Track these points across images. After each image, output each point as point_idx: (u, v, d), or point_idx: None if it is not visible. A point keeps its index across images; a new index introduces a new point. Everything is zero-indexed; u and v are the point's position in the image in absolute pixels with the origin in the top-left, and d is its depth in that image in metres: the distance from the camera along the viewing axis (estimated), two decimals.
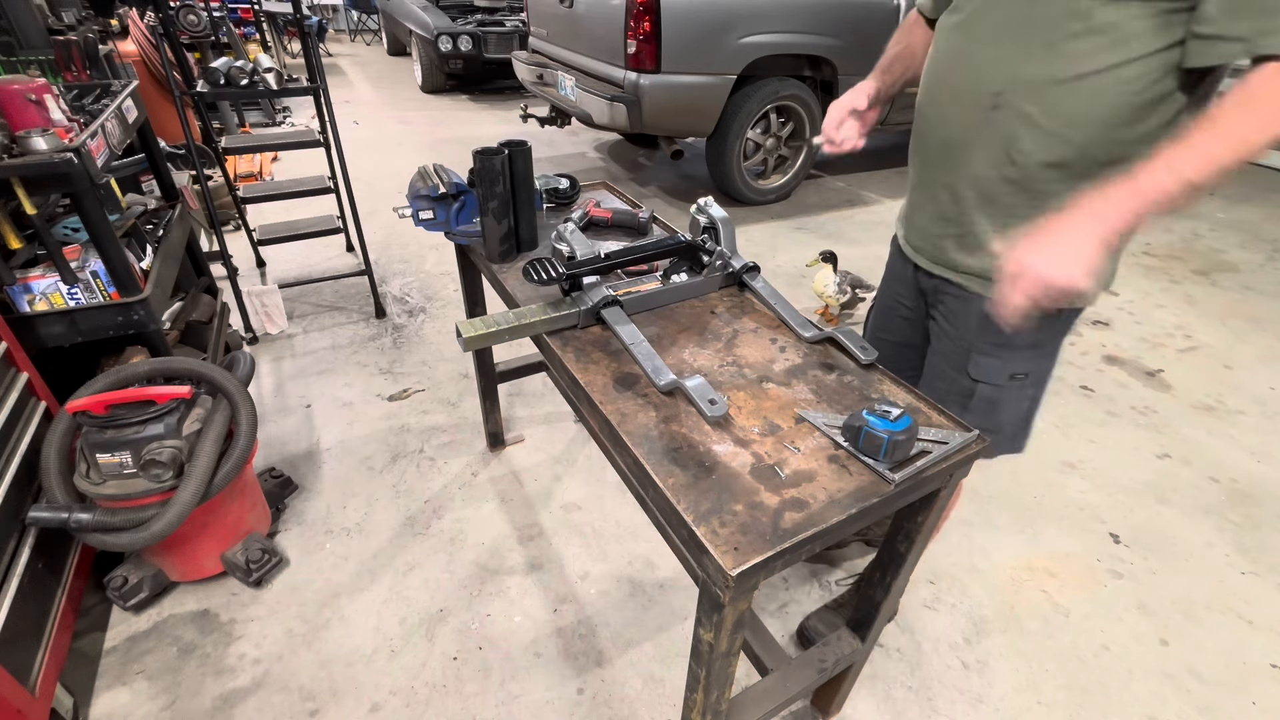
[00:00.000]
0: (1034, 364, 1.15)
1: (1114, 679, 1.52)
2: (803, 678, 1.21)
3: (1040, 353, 1.14)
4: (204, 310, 2.14)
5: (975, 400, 1.17)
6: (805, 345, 1.13)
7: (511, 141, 1.33)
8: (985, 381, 1.16)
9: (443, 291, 3.04)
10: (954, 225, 1.11)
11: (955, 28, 1.05)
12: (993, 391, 1.16)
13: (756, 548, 0.75)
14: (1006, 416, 1.19)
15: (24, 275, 1.48)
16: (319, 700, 1.41)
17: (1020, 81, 0.95)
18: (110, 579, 1.52)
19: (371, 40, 10.00)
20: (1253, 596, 1.72)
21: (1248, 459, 2.20)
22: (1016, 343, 1.11)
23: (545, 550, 1.78)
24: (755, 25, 3.45)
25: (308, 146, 2.54)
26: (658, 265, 1.31)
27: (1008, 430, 1.21)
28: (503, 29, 6.17)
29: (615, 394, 0.99)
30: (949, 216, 1.11)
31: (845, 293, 2.69)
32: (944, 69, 1.08)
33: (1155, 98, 0.90)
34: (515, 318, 1.10)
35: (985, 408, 1.18)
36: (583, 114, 3.79)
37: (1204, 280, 3.40)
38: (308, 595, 1.63)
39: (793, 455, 0.89)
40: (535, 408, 2.33)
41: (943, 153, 1.09)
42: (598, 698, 1.44)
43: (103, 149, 1.55)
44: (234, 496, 1.57)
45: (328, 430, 2.16)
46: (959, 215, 1.10)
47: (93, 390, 1.36)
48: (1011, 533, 1.88)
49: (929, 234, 1.17)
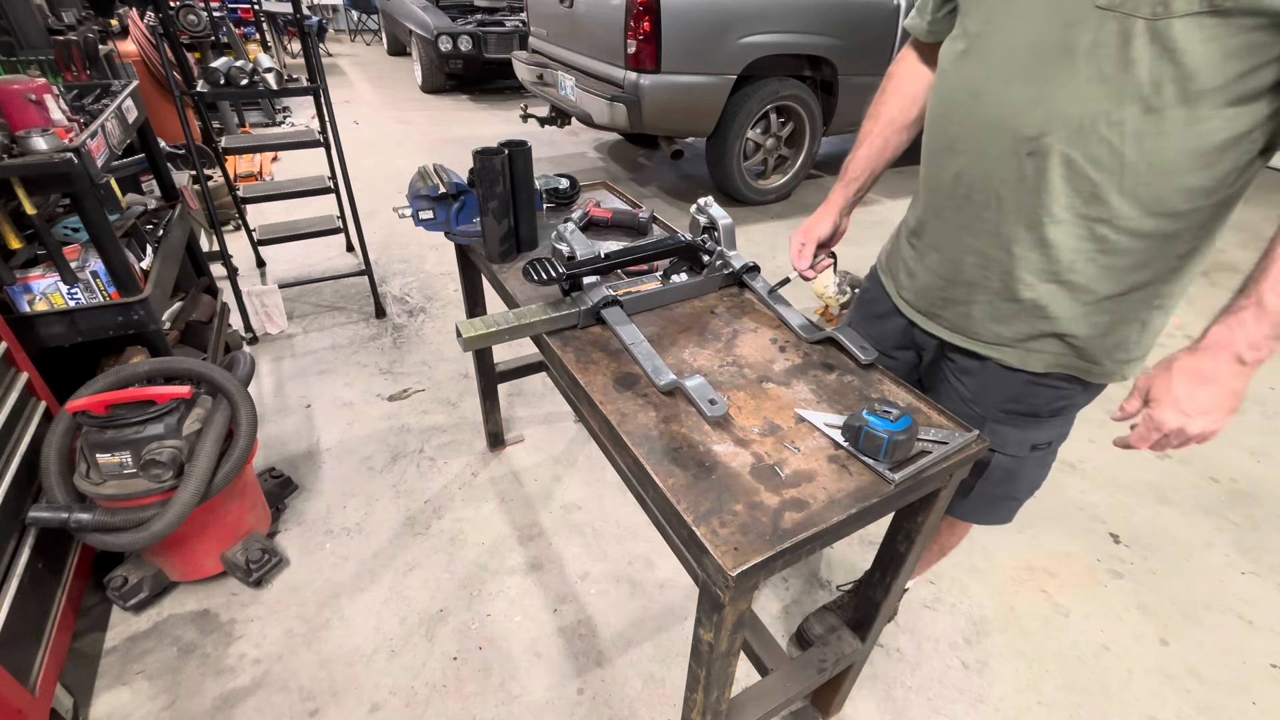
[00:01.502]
0: (1056, 431, 1.06)
1: (1114, 679, 1.52)
2: (803, 678, 1.20)
3: (1063, 419, 1.06)
4: (204, 310, 2.14)
5: (993, 470, 1.08)
6: (805, 345, 1.12)
7: (511, 141, 1.33)
8: (1003, 452, 1.06)
9: (443, 291, 3.04)
10: (982, 291, 0.96)
11: (964, 57, 0.88)
12: (1012, 463, 1.07)
13: (756, 548, 0.75)
14: (1025, 486, 1.12)
15: (24, 275, 1.48)
16: (319, 700, 1.41)
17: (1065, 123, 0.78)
18: (110, 579, 1.52)
19: (371, 40, 10.00)
20: (1253, 596, 1.72)
21: (1248, 459, 2.20)
22: (1042, 412, 1.02)
23: (545, 550, 1.78)
24: (755, 25, 3.45)
25: (308, 146, 2.54)
26: (658, 265, 1.31)
27: (1022, 499, 1.15)
28: (503, 29, 6.17)
29: (615, 394, 0.99)
30: (974, 282, 0.96)
31: (845, 293, 2.70)
32: (958, 109, 0.90)
33: (1231, 138, 0.74)
34: (515, 318, 1.10)
35: (1003, 478, 1.09)
36: (583, 114, 3.79)
37: (1204, 280, 3.37)
38: (308, 595, 1.63)
39: (793, 455, 0.89)
40: (535, 408, 2.33)
41: (967, 209, 0.93)
42: (598, 698, 1.44)
43: (103, 149, 1.55)
44: (234, 496, 1.57)
45: (328, 430, 2.16)
46: (988, 281, 0.94)
47: (93, 390, 1.36)
48: (1011, 533, 1.88)
49: (945, 299, 1.02)
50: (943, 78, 0.94)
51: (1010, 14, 0.81)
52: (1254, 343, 0.74)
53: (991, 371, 1.02)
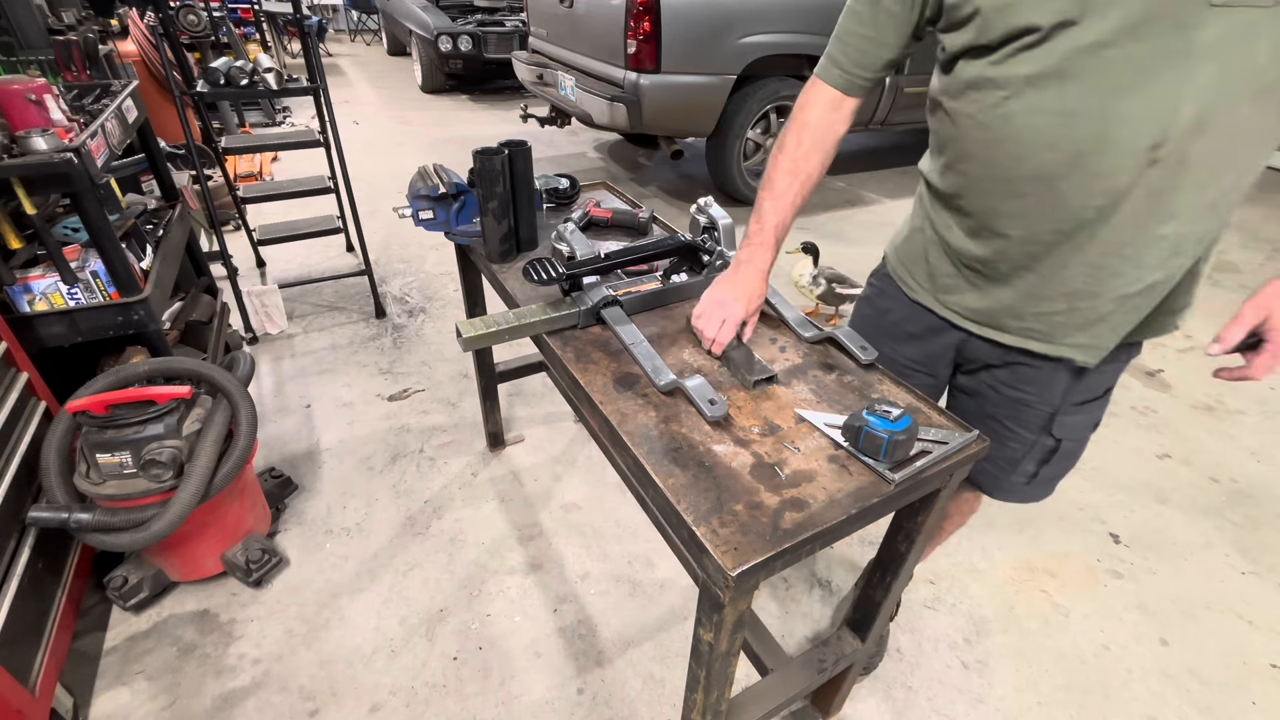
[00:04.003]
0: (1105, 407, 1.08)
1: (1114, 679, 1.52)
2: (803, 678, 1.21)
3: (1109, 395, 1.07)
4: (204, 310, 2.14)
5: (1058, 455, 1.10)
6: (805, 345, 1.13)
7: (511, 141, 1.33)
8: (1070, 439, 1.08)
9: (443, 291, 3.04)
10: (1085, 299, 0.92)
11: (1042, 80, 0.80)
12: (1075, 446, 1.10)
13: (756, 548, 0.75)
14: (1079, 458, 1.15)
15: (24, 275, 1.48)
16: (319, 700, 1.41)
17: (1188, 126, 0.75)
18: (110, 579, 1.52)
19: (371, 40, 10.00)
20: (1253, 596, 1.72)
21: (1248, 459, 2.20)
22: (1100, 391, 1.04)
23: (545, 550, 1.78)
24: (755, 25, 3.45)
25: (308, 146, 2.54)
26: (658, 265, 1.31)
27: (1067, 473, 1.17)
28: (503, 29, 6.17)
29: (615, 394, 0.99)
30: (1076, 290, 0.92)
31: (820, 285, 2.69)
32: (1046, 134, 0.82)
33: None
34: (515, 318, 1.10)
35: (1066, 458, 1.12)
36: (583, 114, 3.79)
37: (1204, 280, 3.39)
38: (307, 595, 1.63)
39: (793, 455, 0.89)
40: (535, 408, 2.33)
41: (1076, 231, 0.87)
42: (598, 698, 1.44)
43: (103, 149, 1.55)
44: (234, 496, 1.57)
45: (328, 430, 2.16)
46: (1094, 289, 0.90)
47: (93, 390, 1.36)
48: (1011, 533, 1.88)
49: (1035, 315, 0.97)
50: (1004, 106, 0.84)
51: (1101, 30, 0.75)
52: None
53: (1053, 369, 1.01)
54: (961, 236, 0.99)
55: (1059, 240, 0.88)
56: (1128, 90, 0.76)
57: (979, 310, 1.03)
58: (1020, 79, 0.82)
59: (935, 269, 1.06)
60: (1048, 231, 0.88)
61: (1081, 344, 0.96)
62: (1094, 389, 1.04)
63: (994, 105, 0.85)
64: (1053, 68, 0.79)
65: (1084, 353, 0.97)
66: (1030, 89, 0.81)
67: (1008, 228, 0.92)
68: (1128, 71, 0.75)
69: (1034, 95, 0.81)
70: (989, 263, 0.97)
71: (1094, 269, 0.88)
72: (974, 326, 1.04)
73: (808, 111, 1.04)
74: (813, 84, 1.04)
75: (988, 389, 1.10)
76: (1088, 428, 1.08)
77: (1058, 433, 1.06)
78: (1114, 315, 0.93)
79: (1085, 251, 0.87)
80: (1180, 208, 0.82)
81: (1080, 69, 0.77)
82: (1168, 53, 0.73)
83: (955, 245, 1.01)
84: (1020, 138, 0.84)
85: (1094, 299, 0.91)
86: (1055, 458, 1.10)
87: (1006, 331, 1.01)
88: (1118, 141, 0.78)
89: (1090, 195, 0.83)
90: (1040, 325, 0.97)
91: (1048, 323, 0.96)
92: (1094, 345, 0.96)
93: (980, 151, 0.90)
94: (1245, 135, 0.78)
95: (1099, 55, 0.76)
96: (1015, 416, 1.08)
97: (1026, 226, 0.90)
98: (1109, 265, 0.87)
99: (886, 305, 1.17)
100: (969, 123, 0.90)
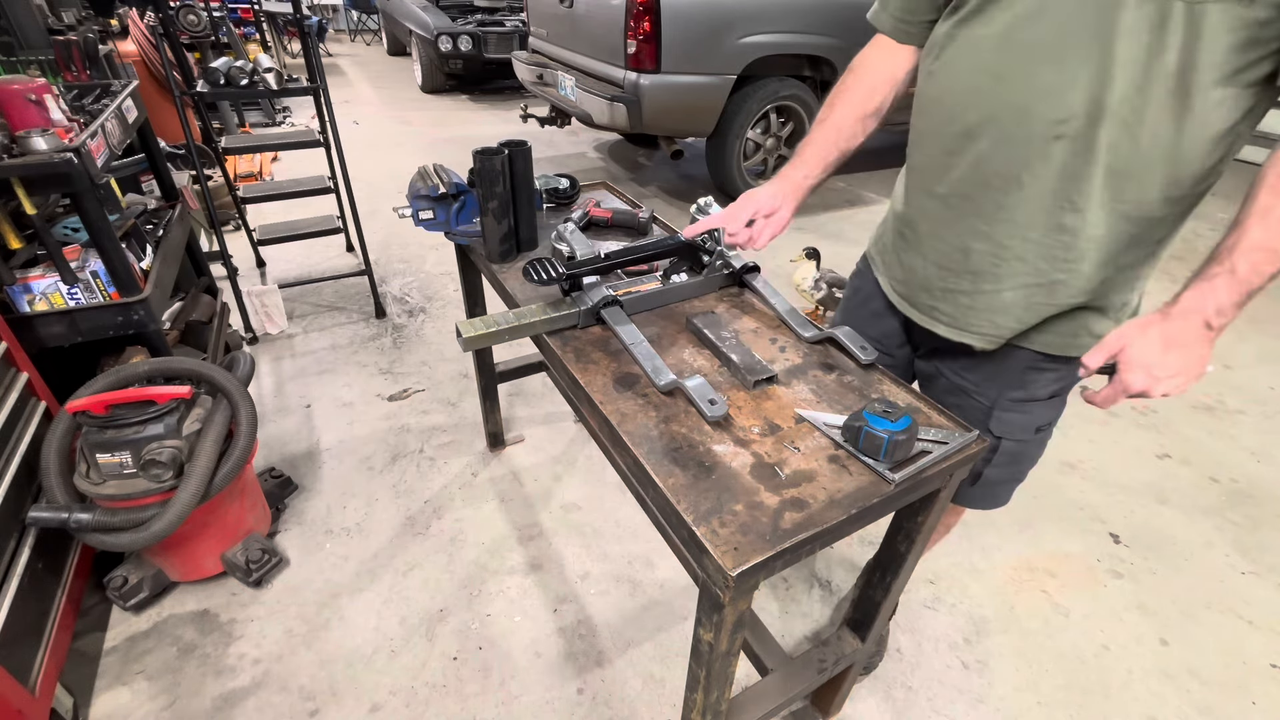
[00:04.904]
0: (1054, 412, 1.09)
1: (1114, 679, 1.52)
2: (803, 678, 1.21)
3: (1060, 400, 1.08)
4: (204, 310, 2.14)
5: (1001, 456, 1.11)
6: (805, 345, 1.12)
7: (511, 141, 1.33)
8: (1010, 439, 1.08)
9: (443, 291, 3.04)
10: (989, 281, 0.95)
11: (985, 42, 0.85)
12: (1017, 447, 1.10)
13: (756, 548, 0.75)
14: (1026, 467, 1.15)
15: (24, 275, 1.48)
16: (319, 700, 1.41)
17: (1094, 107, 0.78)
18: (110, 579, 1.52)
19: (371, 40, 10.00)
20: (1253, 596, 1.72)
21: (1248, 459, 2.20)
22: (1040, 395, 1.04)
23: (545, 550, 1.78)
24: (755, 25, 3.45)
25: (308, 146, 2.54)
26: (658, 265, 1.31)
27: (1021, 480, 1.17)
28: (503, 29, 6.17)
29: (615, 394, 0.99)
30: (980, 270, 0.95)
31: (821, 289, 2.70)
32: (978, 95, 0.87)
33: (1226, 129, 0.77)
34: (515, 318, 1.10)
35: (1008, 461, 1.12)
36: (583, 114, 3.79)
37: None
38: (308, 595, 1.63)
39: (793, 455, 0.89)
40: (535, 408, 2.33)
41: (983, 197, 0.91)
42: (598, 698, 1.44)
43: (103, 149, 1.55)
44: (234, 496, 1.57)
45: (328, 430, 2.16)
46: (997, 270, 0.93)
47: (93, 390, 1.36)
48: (1011, 533, 1.88)
49: (946, 290, 1.01)
50: (954, 64, 0.90)
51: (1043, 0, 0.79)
52: (1222, 309, 0.76)
53: (993, 363, 1.05)
54: (902, 197, 1.06)
55: (972, 208, 0.93)
56: (1048, 62, 0.79)
57: (900, 281, 1.09)
58: (976, 39, 0.86)
59: (884, 240, 1.14)
60: (961, 194, 0.93)
61: (983, 331, 1.00)
62: (1031, 392, 1.04)
63: (949, 62, 0.91)
64: (999, 30, 0.83)
65: (983, 339, 1.01)
66: (979, 49, 0.86)
67: (936, 184, 0.97)
68: (1054, 43, 0.78)
69: (979, 55, 0.86)
70: (912, 222, 1.04)
71: (999, 248, 0.92)
72: (897, 300, 1.11)
73: (860, 56, 1.10)
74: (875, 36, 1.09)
75: (938, 373, 1.14)
76: (1027, 430, 1.08)
77: (995, 428, 1.08)
78: (1015, 307, 0.96)
79: (993, 225, 0.91)
80: (1086, 202, 0.84)
81: (1019, 35, 0.81)
82: (1092, 29, 0.75)
83: (897, 209, 1.09)
84: (958, 97, 0.90)
85: (996, 282, 0.95)
86: (997, 458, 1.11)
87: (918, 309, 1.07)
88: (1031, 112, 0.82)
89: (1003, 162, 0.87)
90: (947, 307, 1.02)
91: (954, 304, 1.01)
92: (993, 334, 1.00)
93: (929, 106, 0.96)
94: (1154, 138, 0.78)
95: (1036, 21, 0.79)
96: (960, 406, 1.11)
97: (949, 185, 0.94)
98: (1012, 247, 0.91)
99: (859, 284, 1.23)
100: (928, 80, 0.96)
